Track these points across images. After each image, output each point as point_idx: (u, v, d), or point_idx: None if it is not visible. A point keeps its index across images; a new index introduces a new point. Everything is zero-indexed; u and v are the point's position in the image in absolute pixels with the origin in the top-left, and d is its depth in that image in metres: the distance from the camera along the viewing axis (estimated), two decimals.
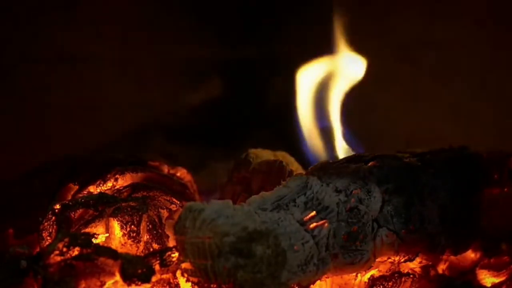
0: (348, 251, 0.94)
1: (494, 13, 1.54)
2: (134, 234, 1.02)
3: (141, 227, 1.03)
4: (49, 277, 0.92)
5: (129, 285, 0.92)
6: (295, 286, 0.93)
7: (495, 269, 1.09)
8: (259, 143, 1.29)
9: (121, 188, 1.11)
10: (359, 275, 1.02)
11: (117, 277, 0.93)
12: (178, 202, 1.09)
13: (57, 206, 1.05)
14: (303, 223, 0.91)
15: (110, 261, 0.93)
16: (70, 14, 1.59)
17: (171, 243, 1.02)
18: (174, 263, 0.95)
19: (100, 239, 0.99)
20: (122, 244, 1.01)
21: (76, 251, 0.93)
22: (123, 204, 1.03)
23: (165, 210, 1.07)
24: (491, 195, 1.10)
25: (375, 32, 1.69)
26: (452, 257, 1.08)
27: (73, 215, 1.04)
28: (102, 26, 1.66)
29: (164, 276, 0.98)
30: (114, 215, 1.02)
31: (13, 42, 1.51)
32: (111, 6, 1.67)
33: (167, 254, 0.95)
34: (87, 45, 1.64)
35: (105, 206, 1.03)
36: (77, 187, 1.11)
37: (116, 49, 1.69)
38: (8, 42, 1.50)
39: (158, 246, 1.03)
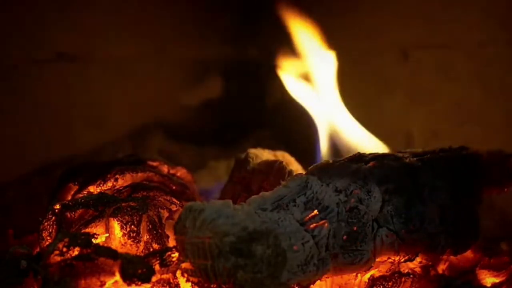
0: (348, 251, 0.94)
1: (494, 13, 1.54)
2: (134, 234, 1.02)
3: (141, 227, 1.03)
4: (49, 277, 0.92)
5: (129, 285, 0.92)
6: (295, 286, 0.93)
7: (495, 269, 1.09)
8: (259, 143, 1.30)
9: (121, 188, 1.11)
10: (359, 275, 1.02)
11: (117, 277, 0.93)
12: (178, 202, 1.09)
13: (57, 206, 1.04)
14: (303, 223, 0.91)
15: (110, 261, 0.93)
16: (70, 14, 1.59)
17: (171, 243, 1.02)
18: (174, 263, 0.95)
19: (100, 239, 0.99)
20: (122, 244, 1.01)
21: (76, 251, 0.93)
22: (123, 204, 1.03)
23: (165, 210, 1.07)
24: (491, 195, 1.10)
25: (375, 32, 1.69)
26: (452, 257, 1.08)
27: (73, 215, 1.04)
28: (102, 26, 1.66)
29: (164, 276, 0.98)
30: (114, 215, 1.02)
31: (13, 42, 1.51)
32: (111, 6, 1.67)
33: (167, 254, 0.95)
34: (87, 45, 1.64)
35: (105, 206, 1.03)
36: (77, 187, 1.11)
37: (116, 49, 1.69)
38: (8, 42, 1.50)
39: (158, 246, 1.03)
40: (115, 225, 1.02)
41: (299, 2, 1.36)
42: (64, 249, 0.93)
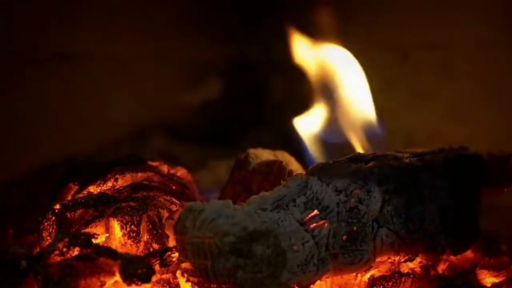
0: (348, 251, 0.94)
1: (494, 13, 1.54)
2: (134, 234, 1.02)
3: (141, 227, 1.03)
4: (49, 277, 0.92)
5: (129, 285, 0.92)
6: (295, 286, 0.93)
7: (495, 269, 1.09)
8: (259, 143, 1.29)
9: (121, 188, 1.11)
10: (359, 275, 1.02)
11: (117, 277, 0.93)
12: (178, 202, 1.09)
13: (57, 206, 1.04)
14: (303, 223, 0.91)
15: (110, 261, 0.93)
16: (70, 14, 1.59)
17: (171, 243, 1.02)
18: (174, 263, 0.95)
19: (100, 239, 0.99)
20: (122, 244, 1.01)
21: (76, 251, 0.93)
22: (123, 204, 1.03)
23: (165, 210, 1.07)
24: (491, 195, 1.10)
25: (375, 32, 1.69)
26: (452, 257, 1.08)
27: (73, 215, 1.04)
28: (102, 26, 1.66)
29: (164, 276, 0.98)
30: (114, 215, 1.02)
31: (13, 42, 1.51)
32: (111, 6, 1.67)
33: (167, 254, 0.95)
34: (87, 45, 1.64)
35: (105, 206, 1.03)
36: (77, 187, 1.11)
37: (116, 49, 1.69)
38: (8, 42, 1.50)
39: (158, 246, 1.03)
40: (115, 225, 1.02)
41: (300, 4, 1.36)
42: (64, 249, 0.93)
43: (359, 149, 1.19)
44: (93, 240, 0.96)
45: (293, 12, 1.78)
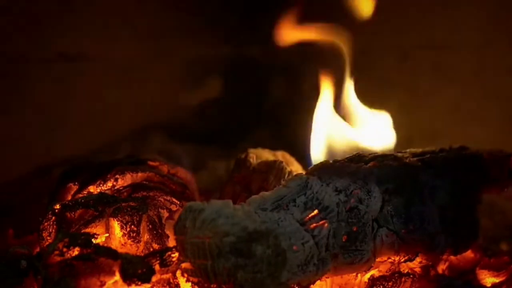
0: (348, 251, 0.94)
1: (494, 13, 1.54)
2: (134, 234, 1.02)
3: (141, 227, 1.03)
4: (49, 277, 0.92)
5: (129, 285, 0.92)
6: (295, 286, 0.93)
7: (495, 269, 1.09)
8: (259, 143, 1.30)
9: (121, 188, 1.11)
10: (359, 275, 1.02)
11: (117, 277, 0.93)
12: (178, 202, 1.09)
13: (57, 206, 1.04)
14: (303, 223, 0.91)
15: (110, 261, 0.93)
16: (70, 14, 1.59)
17: (171, 243, 1.02)
18: (174, 263, 0.95)
19: (100, 239, 0.99)
20: (122, 244, 1.01)
21: (76, 251, 0.93)
22: (123, 204, 1.03)
23: (165, 210, 1.07)
24: (491, 195, 1.10)
25: (375, 32, 1.69)
26: (452, 257, 1.08)
27: (73, 215, 1.04)
28: (102, 26, 1.66)
29: (164, 276, 0.98)
30: (114, 215, 1.02)
31: (13, 42, 1.51)
32: (111, 6, 1.67)
33: (167, 254, 0.95)
34: (87, 45, 1.64)
35: (105, 206, 1.03)
36: (77, 187, 1.11)
37: (116, 49, 1.69)
38: (8, 42, 1.50)
39: (158, 246, 1.03)
40: (115, 225, 1.02)
41: (299, 4, 1.36)
42: (64, 249, 0.93)
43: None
44: (93, 240, 0.96)
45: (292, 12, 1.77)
